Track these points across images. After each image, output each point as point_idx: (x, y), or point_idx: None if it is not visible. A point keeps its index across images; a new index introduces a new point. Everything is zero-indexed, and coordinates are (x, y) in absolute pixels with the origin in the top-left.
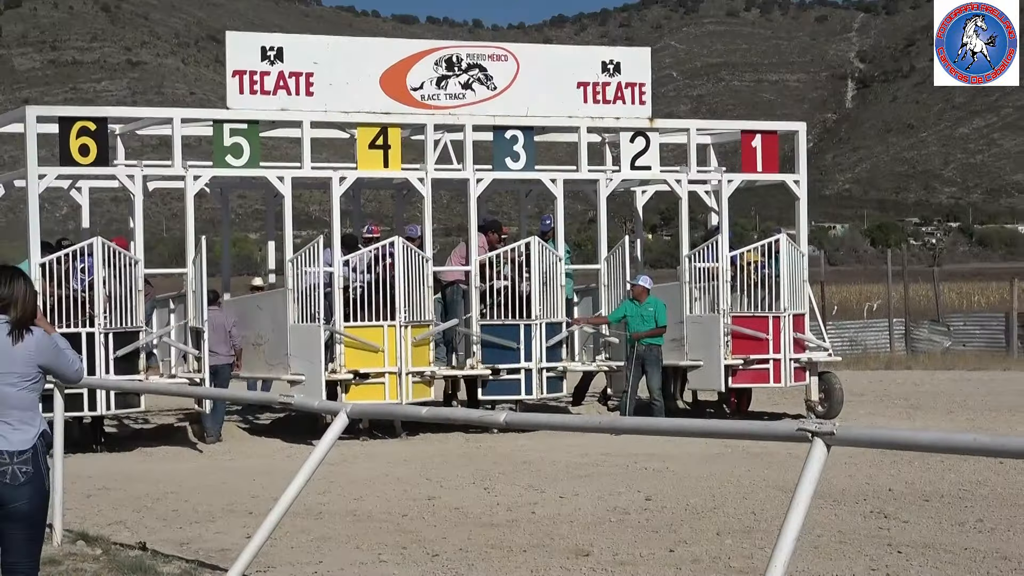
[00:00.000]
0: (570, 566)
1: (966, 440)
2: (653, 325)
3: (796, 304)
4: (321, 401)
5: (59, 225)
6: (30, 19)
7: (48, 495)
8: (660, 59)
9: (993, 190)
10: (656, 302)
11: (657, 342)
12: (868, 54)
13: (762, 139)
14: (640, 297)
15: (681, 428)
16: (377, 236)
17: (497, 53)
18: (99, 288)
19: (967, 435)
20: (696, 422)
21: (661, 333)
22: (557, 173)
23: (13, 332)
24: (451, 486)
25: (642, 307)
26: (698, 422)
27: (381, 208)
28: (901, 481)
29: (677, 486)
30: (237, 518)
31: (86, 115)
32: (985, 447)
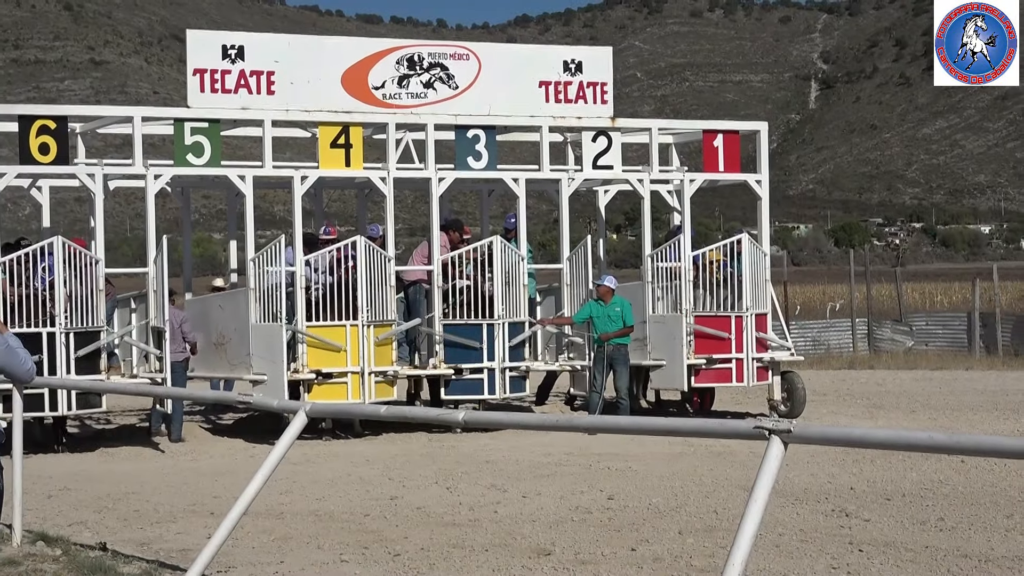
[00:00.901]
0: (532, 565)
1: (921, 438)
2: (620, 325)
3: (758, 304)
4: (280, 400)
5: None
6: None
7: (2, 494)
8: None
9: (956, 191)
10: (622, 302)
11: (624, 342)
12: (831, 55)
13: (724, 139)
14: (605, 297)
15: (639, 426)
16: (334, 237)
17: (459, 52)
18: (59, 288)
19: (922, 433)
20: (655, 420)
21: (629, 333)
22: (519, 172)
23: None
24: (413, 486)
25: (608, 307)
26: (657, 420)
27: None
28: (863, 480)
29: (639, 485)
30: (199, 518)
31: (46, 113)
32: (940, 444)
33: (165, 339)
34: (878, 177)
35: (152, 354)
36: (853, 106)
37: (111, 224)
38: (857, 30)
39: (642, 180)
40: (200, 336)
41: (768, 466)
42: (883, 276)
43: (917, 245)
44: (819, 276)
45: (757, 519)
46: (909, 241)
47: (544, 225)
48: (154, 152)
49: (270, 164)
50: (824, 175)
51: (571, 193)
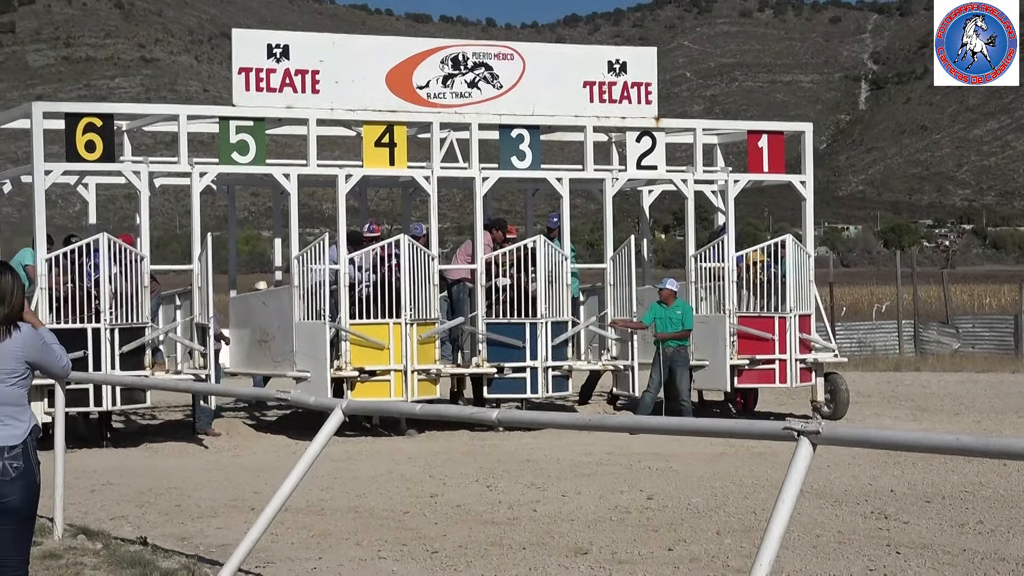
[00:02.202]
0: (568, 564)
1: (948, 440)
2: (680, 327)
3: (802, 305)
4: (317, 397)
5: (72, 221)
6: (44, 16)
7: (39, 489)
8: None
9: (1007, 192)
10: (683, 305)
11: (685, 343)
12: (881, 55)
13: (768, 139)
14: (668, 300)
15: (671, 426)
16: (378, 235)
17: (503, 52)
18: (105, 284)
19: (949, 435)
20: (687, 420)
21: (687, 336)
22: (563, 172)
23: (0, 328)
24: (454, 484)
25: (670, 310)
26: (689, 420)
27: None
28: (904, 482)
29: (679, 485)
30: (239, 514)
31: (92, 111)
32: (967, 447)
33: (209, 336)
34: (928, 178)
35: (196, 350)
36: (903, 107)
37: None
38: (908, 30)
39: (686, 180)
40: (244, 332)
41: (797, 467)
42: (931, 278)
43: (967, 247)
44: (867, 277)
45: (785, 519)
46: (959, 243)
47: (592, 224)
48: (203, 150)
49: (315, 162)
50: (874, 176)
51: (617, 193)
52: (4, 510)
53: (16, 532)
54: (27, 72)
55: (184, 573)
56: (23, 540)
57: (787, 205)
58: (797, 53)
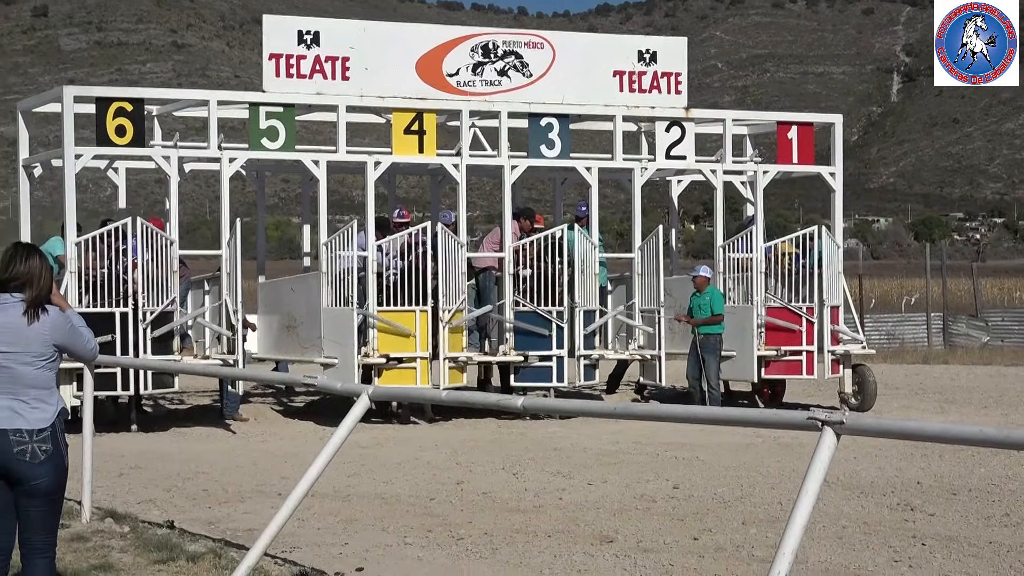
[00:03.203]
0: (593, 552)
1: (971, 432)
2: (710, 314)
3: (831, 296)
4: (344, 383)
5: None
6: (77, 0)
7: (67, 472)
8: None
9: None
10: (712, 291)
11: (715, 331)
12: (914, 48)
13: (798, 131)
14: (701, 287)
15: (695, 415)
16: (408, 220)
17: (533, 40)
18: (136, 268)
19: (972, 427)
20: (712, 410)
21: (718, 321)
22: (592, 161)
23: (28, 311)
24: (480, 471)
25: (700, 297)
26: (714, 410)
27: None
28: (931, 474)
29: (706, 475)
30: (266, 499)
31: (123, 96)
32: (990, 439)
33: (237, 321)
34: (960, 171)
35: (224, 335)
36: (935, 99)
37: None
38: None
39: (715, 171)
40: (272, 318)
41: (820, 457)
42: (961, 271)
43: (998, 240)
44: (897, 270)
45: (808, 509)
46: (990, 236)
47: (622, 214)
48: (233, 135)
49: (344, 149)
50: (905, 168)
51: (646, 183)
52: (33, 492)
53: (45, 514)
54: (59, 56)
55: (211, 557)
56: (51, 522)
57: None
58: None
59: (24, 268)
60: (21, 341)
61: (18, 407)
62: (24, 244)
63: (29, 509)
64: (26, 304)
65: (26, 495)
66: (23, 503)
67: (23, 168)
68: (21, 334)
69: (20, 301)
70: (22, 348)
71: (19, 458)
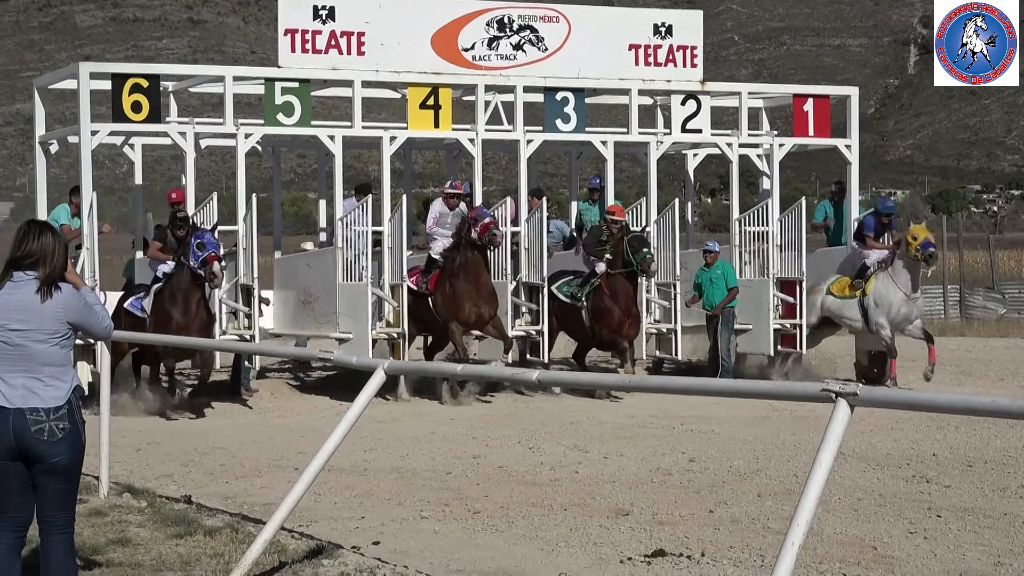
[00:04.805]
0: (609, 525)
1: (984, 402)
2: (723, 288)
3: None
4: (359, 358)
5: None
6: None
7: (84, 448)
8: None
9: None
10: (723, 264)
11: (730, 304)
12: (931, 19)
13: (814, 103)
14: (711, 263)
15: (709, 388)
16: (460, 192)
17: (548, 15)
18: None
19: (985, 398)
20: (726, 382)
21: (734, 296)
22: (608, 135)
23: (42, 289)
24: (496, 445)
25: (711, 271)
26: (728, 382)
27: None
28: (946, 447)
29: (721, 448)
30: (283, 473)
31: (139, 72)
32: (1003, 409)
33: (255, 296)
34: (977, 144)
35: (241, 311)
36: None
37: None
38: None
39: (731, 144)
40: (288, 294)
41: (834, 429)
42: (978, 243)
43: (1016, 212)
44: None
45: (822, 480)
46: (1007, 208)
47: (637, 188)
48: (250, 111)
49: (359, 124)
50: (922, 141)
51: (661, 156)
52: (51, 470)
53: (62, 491)
54: (75, 32)
55: (228, 531)
56: (69, 499)
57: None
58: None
59: (37, 246)
60: (35, 319)
61: (33, 385)
62: (37, 222)
63: (48, 486)
64: (39, 282)
65: (45, 473)
66: (41, 481)
67: (39, 145)
68: (35, 312)
69: (33, 279)
70: (36, 326)
71: (37, 437)
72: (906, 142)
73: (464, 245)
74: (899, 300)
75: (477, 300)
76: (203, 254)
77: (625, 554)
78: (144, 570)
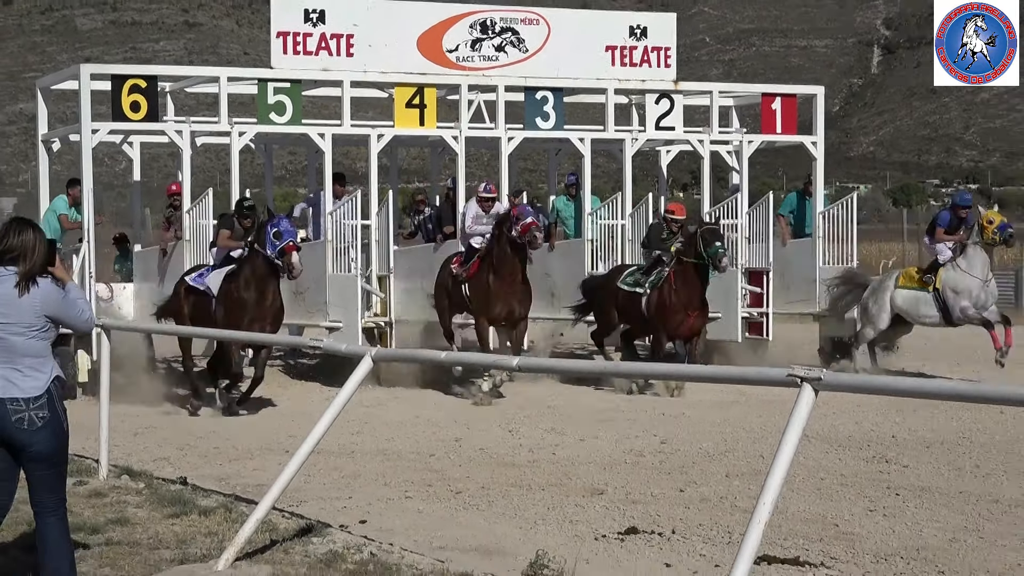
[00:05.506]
0: (584, 504)
1: (944, 386)
2: None
3: None
4: (348, 345)
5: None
6: None
7: (67, 436)
8: (694, 24)
9: (1012, 153)
10: None
11: None
12: (894, 21)
13: (782, 102)
14: None
15: (679, 373)
16: (495, 196)
17: (529, 17)
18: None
19: (944, 382)
20: (695, 367)
21: None
22: (585, 133)
23: (20, 283)
24: (478, 428)
25: None
26: (697, 367)
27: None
28: (905, 428)
29: (692, 431)
30: (274, 456)
31: (137, 73)
32: (961, 393)
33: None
34: (936, 140)
35: None
36: (914, 71)
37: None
38: None
39: (702, 141)
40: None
41: (799, 412)
42: None
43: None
44: (877, 234)
45: (787, 461)
46: None
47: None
48: (242, 110)
49: (348, 123)
50: (884, 137)
51: (636, 153)
52: (35, 457)
53: (49, 476)
54: (76, 35)
55: (222, 511)
56: (58, 483)
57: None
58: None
59: (17, 242)
60: (14, 312)
61: (13, 376)
62: (19, 219)
63: (35, 472)
64: (18, 277)
65: (30, 460)
66: (28, 468)
67: (42, 143)
68: (14, 305)
69: (13, 274)
70: (15, 319)
71: (17, 426)
72: (869, 139)
73: (503, 240)
74: (976, 287)
75: (510, 300)
76: (280, 243)
77: (600, 531)
78: (142, 548)
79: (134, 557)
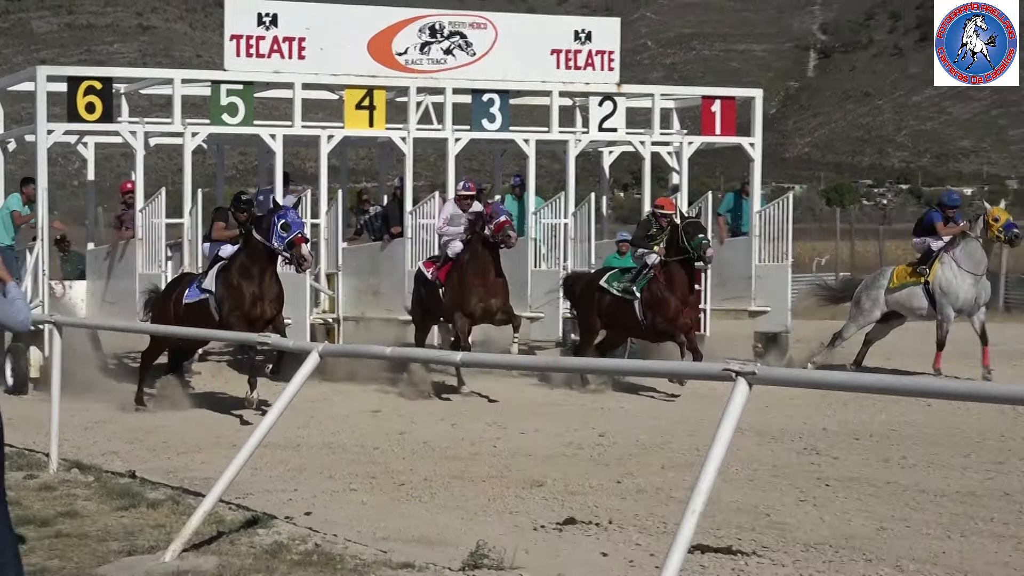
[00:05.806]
0: (525, 495)
1: (872, 380)
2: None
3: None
4: (295, 341)
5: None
6: None
7: (2, 430)
8: (637, 29)
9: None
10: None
11: None
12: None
13: (721, 104)
14: (623, 251)
15: (618, 368)
16: (473, 193)
17: (477, 21)
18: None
19: (872, 376)
20: (633, 363)
21: None
22: (530, 134)
23: None
24: (421, 422)
25: (623, 260)
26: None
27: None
28: (835, 421)
29: (629, 424)
30: (222, 450)
31: (92, 75)
32: (889, 387)
33: None
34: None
35: None
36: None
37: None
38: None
39: (644, 142)
40: None
41: (733, 405)
42: (869, 233)
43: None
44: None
45: (722, 453)
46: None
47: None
48: (195, 112)
49: (299, 124)
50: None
51: (579, 153)
52: None
53: None
54: (31, 38)
55: (169, 504)
56: None
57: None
58: (751, 24)
59: None
60: None
61: None
62: None
63: None
64: None
65: None
66: None
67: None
68: None
69: None
70: None
71: None
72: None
73: (476, 240)
74: (968, 283)
75: (484, 295)
76: (289, 235)
77: (539, 522)
78: (90, 540)
79: (83, 549)
